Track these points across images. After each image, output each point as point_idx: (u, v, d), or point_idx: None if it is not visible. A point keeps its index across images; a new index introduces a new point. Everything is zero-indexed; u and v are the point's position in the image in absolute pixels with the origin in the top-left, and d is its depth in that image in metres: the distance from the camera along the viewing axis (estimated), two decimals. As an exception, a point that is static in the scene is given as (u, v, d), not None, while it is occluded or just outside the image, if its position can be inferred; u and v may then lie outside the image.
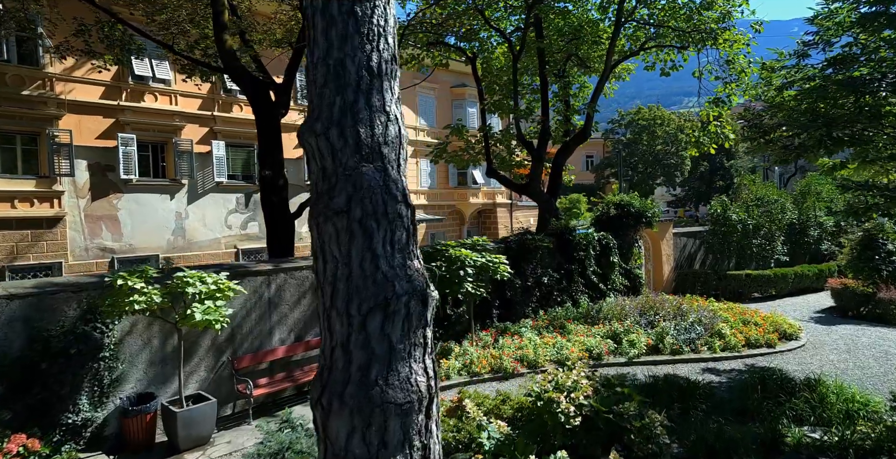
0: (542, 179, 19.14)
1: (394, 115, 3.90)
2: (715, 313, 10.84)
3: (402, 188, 3.77)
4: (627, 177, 54.65)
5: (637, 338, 9.62)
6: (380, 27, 3.96)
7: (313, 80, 3.87)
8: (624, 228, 14.76)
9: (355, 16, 3.85)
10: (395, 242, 3.64)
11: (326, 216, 3.59)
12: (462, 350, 9.18)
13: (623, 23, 14.84)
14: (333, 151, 3.65)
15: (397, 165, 3.86)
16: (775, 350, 9.73)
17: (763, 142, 8.50)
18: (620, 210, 14.90)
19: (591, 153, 58.13)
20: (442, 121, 25.87)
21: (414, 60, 17.07)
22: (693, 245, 17.09)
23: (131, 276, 5.60)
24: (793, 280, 15.94)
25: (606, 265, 13.88)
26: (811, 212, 18.06)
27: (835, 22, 7.89)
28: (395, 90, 3.99)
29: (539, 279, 12.19)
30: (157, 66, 15.92)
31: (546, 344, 9.51)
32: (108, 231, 15.02)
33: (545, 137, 15.46)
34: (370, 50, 3.85)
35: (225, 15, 10.55)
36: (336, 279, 3.57)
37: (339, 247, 3.55)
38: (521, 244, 11.87)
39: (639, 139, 52.87)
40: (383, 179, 3.67)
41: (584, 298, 12.97)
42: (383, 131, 3.79)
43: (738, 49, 13.57)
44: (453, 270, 8.98)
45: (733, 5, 13.08)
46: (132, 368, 6.39)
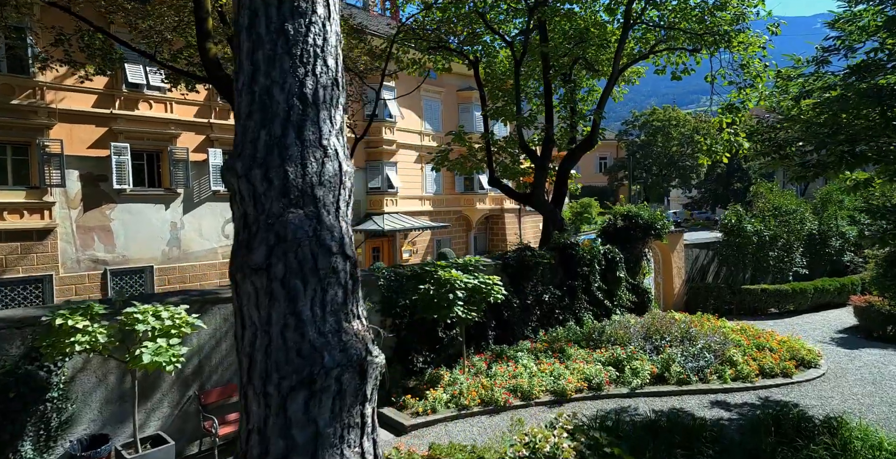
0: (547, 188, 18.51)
1: (333, 150, 3.33)
2: (726, 337, 10.12)
3: (340, 236, 3.21)
4: (641, 180, 53.57)
5: (641, 366, 8.96)
6: (316, 47, 3.40)
7: (237, 112, 3.32)
8: (631, 241, 14.06)
9: (286, 35, 3.29)
10: (328, 303, 3.07)
11: (244, 273, 3.05)
12: (452, 377, 8.61)
13: (632, 25, 14.15)
14: (255, 195, 3.10)
15: (335, 209, 3.30)
16: (792, 380, 8.99)
17: (778, 158, 7.80)
18: (628, 221, 14.20)
19: (605, 155, 57.10)
20: (448, 126, 25.29)
21: (416, 65, 16.56)
22: (706, 256, 16.30)
23: (73, 314, 5.12)
24: (812, 295, 15.09)
25: (612, 280, 13.20)
26: (832, 221, 17.15)
27: (858, 26, 7.17)
28: (336, 120, 3.42)
29: (539, 297, 11.57)
30: (152, 73, 15.58)
31: (542, 371, 8.90)
32: (100, 242, 14.71)
33: (549, 145, 14.81)
34: (304, 74, 3.29)
35: (209, 22, 10.10)
36: (254, 349, 3.01)
37: (259, 311, 3.00)
38: (520, 261, 11.25)
39: (653, 140, 51.79)
40: (314, 227, 3.11)
41: (588, 316, 12.31)
42: (318, 169, 3.23)
43: (753, 52, 12.80)
44: (442, 293, 8.41)
45: (749, 5, 12.31)
46: (85, 407, 5.92)
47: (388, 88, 21.90)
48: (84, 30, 10.15)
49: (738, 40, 12.71)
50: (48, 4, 9.71)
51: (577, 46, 14.99)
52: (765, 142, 8.10)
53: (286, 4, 3.33)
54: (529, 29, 14.38)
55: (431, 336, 9.52)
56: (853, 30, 7.12)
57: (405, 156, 23.38)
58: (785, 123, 7.62)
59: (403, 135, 23.45)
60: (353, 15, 16.61)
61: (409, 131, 23.99)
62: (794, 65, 8.03)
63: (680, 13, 13.81)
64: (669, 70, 15.88)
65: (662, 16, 14.53)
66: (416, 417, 7.61)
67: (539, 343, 10.45)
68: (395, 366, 9.12)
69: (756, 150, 8.71)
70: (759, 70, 12.49)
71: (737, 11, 12.23)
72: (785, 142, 7.68)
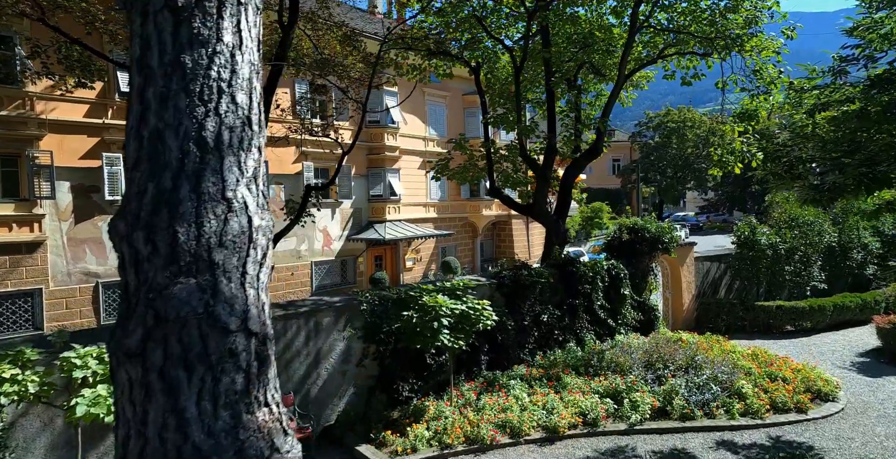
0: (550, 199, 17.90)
1: (240, 202, 2.76)
2: (735, 365, 9.43)
3: (244, 309, 2.64)
4: (655, 182, 52.47)
5: (641, 399, 8.33)
6: (221, 82, 2.82)
7: (124, 160, 2.81)
8: (638, 255, 13.40)
9: (182, 68, 2.72)
10: (221, 394, 2.51)
11: (118, 359, 2.55)
12: (437, 410, 8.07)
13: (639, 28, 13.48)
14: (138, 262, 2.57)
15: (240, 274, 2.73)
16: (807, 417, 8.30)
17: (789, 179, 7.14)
18: (634, 235, 13.53)
19: (618, 157, 56.04)
20: (453, 131, 24.73)
21: (416, 70, 16.05)
22: (717, 270, 15.55)
23: (1, 362, 4.68)
24: (832, 312, 14.26)
25: (616, 298, 12.56)
26: (854, 232, 16.26)
27: (880, 34, 6.48)
28: (246, 166, 2.85)
29: (537, 317, 10.98)
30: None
31: (535, 403, 8.33)
32: (92, 254, 14.44)
33: (551, 154, 14.20)
34: (203, 114, 2.71)
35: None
36: (127, 452, 2.52)
37: (134, 406, 2.45)
38: (516, 280, 10.68)
39: (668, 142, 50.65)
40: (207, 302, 2.54)
41: (590, 336, 11.70)
42: (218, 228, 2.65)
43: (766, 57, 12.06)
44: (426, 321, 7.88)
45: (762, 7, 11.57)
46: (27, 455, 5.50)
47: (390, 93, 21.43)
48: (61, 41, 9.81)
49: (751, 44, 11.98)
50: (20, 15, 9.37)
51: (582, 51, 14.36)
52: (775, 160, 7.44)
53: (183, 32, 2.79)
54: (529, 34, 13.78)
55: (419, 362, 9.00)
56: (874, 38, 6.44)
57: (409, 162, 22.87)
58: (797, 141, 6.95)
59: (407, 140, 22.95)
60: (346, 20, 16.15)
61: (413, 137, 23.48)
62: (807, 75, 7.34)
63: (689, 16, 13.11)
64: (679, 75, 15.19)
65: (671, 18, 13.83)
66: (394, 457, 7.09)
67: (535, 368, 9.87)
68: (379, 396, 8.62)
69: (766, 170, 8.03)
70: (774, 76, 11.75)
71: (749, 14, 11.49)
72: (798, 161, 7.01)
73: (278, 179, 18.33)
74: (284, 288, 18.64)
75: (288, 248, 18.70)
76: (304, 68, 12.62)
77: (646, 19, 13.37)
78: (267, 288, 2.87)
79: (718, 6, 12.39)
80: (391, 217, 21.66)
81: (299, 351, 7.88)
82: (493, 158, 15.33)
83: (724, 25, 12.28)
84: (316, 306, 8.15)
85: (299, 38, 12.76)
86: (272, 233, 2.98)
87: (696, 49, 13.83)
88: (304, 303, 8.33)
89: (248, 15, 2.81)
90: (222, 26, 3.08)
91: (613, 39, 14.76)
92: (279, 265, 18.44)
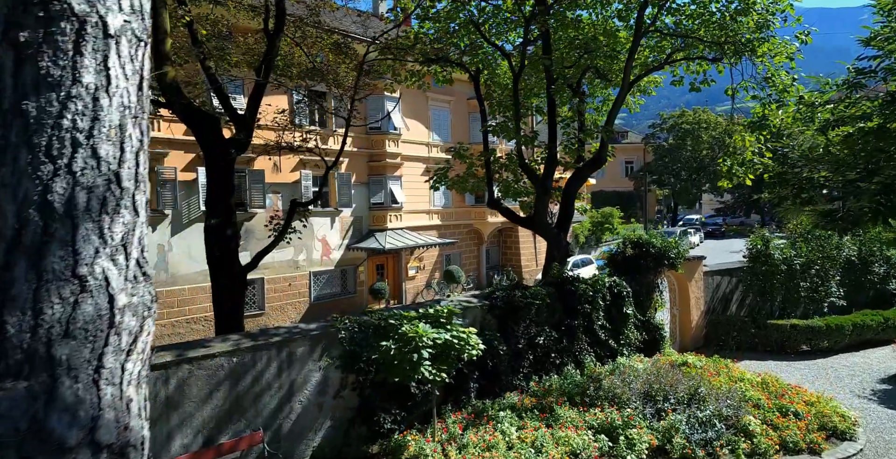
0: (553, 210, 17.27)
1: (99, 280, 2.23)
2: (743, 396, 8.77)
3: (93, 415, 2.11)
4: (669, 185, 51.41)
5: (638, 436, 7.73)
6: (78, 133, 2.33)
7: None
8: (642, 271, 12.75)
9: (24, 116, 2.26)
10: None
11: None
12: (417, 448, 7.55)
13: (644, 33, 12.83)
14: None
15: (93, 370, 2.20)
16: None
17: (799, 203, 6.50)
18: (638, 250, 12.88)
19: (631, 159, 55.07)
20: (457, 136, 24.21)
21: (414, 77, 15.57)
22: (728, 284, 14.81)
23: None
24: (851, 331, 13.45)
25: (618, 317, 11.93)
26: (875, 244, 15.39)
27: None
28: (112, 234, 2.36)
29: (532, 339, 10.40)
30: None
31: (523, 440, 7.77)
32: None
33: (552, 165, 13.60)
34: (51, 173, 2.18)
35: (166, 44, 9.31)
36: None
37: None
38: (509, 302, 10.11)
39: (682, 144, 49.60)
40: (36, 414, 2.10)
41: (590, 359, 11.10)
42: (65, 314, 2.14)
43: (779, 62, 11.34)
44: (405, 353, 7.37)
45: (775, 9, 10.86)
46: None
47: (391, 99, 20.96)
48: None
49: (763, 49, 11.27)
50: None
51: (586, 56, 13.75)
52: (783, 183, 6.81)
53: (27, 72, 2.31)
54: (527, 40, 13.19)
55: (402, 392, 8.48)
56: (894, 49, 5.78)
57: (411, 168, 22.40)
58: (808, 162, 6.32)
59: (409, 146, 22.48)
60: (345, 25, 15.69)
61: (416, 143, 23.01)
62: (819, 88, 6.69)
63: (698, 19, 12.44)
64: (688, 80, 14.51)
65: (679, 22, 13.16)
66: (366, 502, 6.59)
67: (528, 396, 9.31)
68: (358, 429, 8.14)
69: (773, 193, 7.37)
70: (787, 83, 11.02)
71: (760, 18, 10.79)
72: (807, 184, 6.37)
73: (276, 188, 17.98)
74: (282, 299, 18.29)
75: (285, 258, 18.34)
76: (293, 79, 12.19)
77: (651, 23, 12.71)
78: (140, 381, 2.31)
79: (728, 9, 11.70)
80: (392, 225, 21.21)
81: (270, 384, 7.42)
82: (494, 167, 14.78)
83: (735, 30, 11.60)
84: (290, 335, 7.69)
85: (291, 46, 12.35)
86: (151, 310, 2.43)
87: (706, 53, 13.15)
88: (276, 332, 7.87)
89: (119, 48, 2.23)
90: (81, 64, 2.50)
91: (619, 44, 14.12)
92: (276, 276, 18.09)
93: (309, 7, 12.02)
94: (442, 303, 9.09)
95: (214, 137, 9.69)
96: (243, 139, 9.88)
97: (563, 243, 13.93)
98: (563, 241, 13.98)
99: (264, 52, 10.91)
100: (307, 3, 12.32)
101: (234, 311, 9.42)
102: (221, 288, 9.37)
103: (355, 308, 20.07)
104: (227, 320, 9.33)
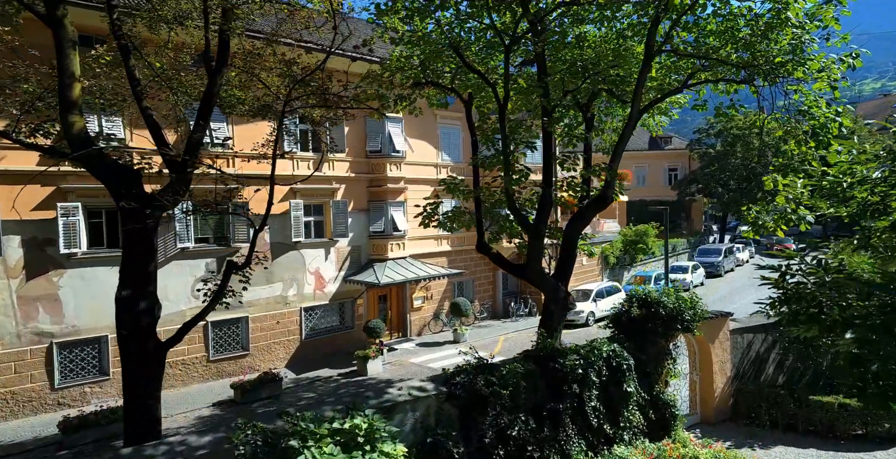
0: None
1: None
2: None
3: None
4: (717, 195, 47.77)
5: None
6: None
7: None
8: (650, 336, 10.78)
9: None
10: None
11: None
12: None
13: (657, 53, 10.85)
14: None
15: None
16: None
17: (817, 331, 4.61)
18: (646, 310, 10.92)
19: (675, 166, 51.58)
20: (469, 155, 22.49)
21: (405, 101, 14.09)
22: (762, 344, 12.56)
23: None
24: (915, 412, 10.97)
25: (617, 396, 10.03)
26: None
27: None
28: None
29: (503, 431, 8.67)
30: (109, 122, 14.15)
31: None
32: (45, 313, 13.41)
33: (546, 208, 11.78)
34: None
35: (75, 89, 8.15)
36: None
37: None
38: (472, 391, 8.42)
39: (731, 151, 45.90)
40: None
41: (579, 449, 9.29)
42: None
43: (819, 89, 9.14)
44: (303, 487, 5.85)
45: (811, 28, 8.69)
46: None
47: (394, 120, 19.52)
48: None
49: (799, 74, 9.12)
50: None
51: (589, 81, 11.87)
52: (795, 299, 4.91)
53: None
54: (523, 63, 11.43)
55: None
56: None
57: (417, 192, 20.82)
58: (823, 290, 4.42)
59: (415, 169, 20.97)
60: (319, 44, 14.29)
61: (423, 164, 21.48)
62: (853, 159, 4.76)
63: (720, 37, 10.36)
64: (713, 103, 12.43)
65: (698, 39, 11.09)
66: None
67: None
68: None
69: (779, 314, 5.42)
70: (829, 117, 8.82)
71: (794, 39, 8.65)
72: (828, 309, 4.48)
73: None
74: (269, 338, 17.16)
75: (273, 295, 17.21)
76: (244, 116, 10.92)
77: (664, 42, 10.72)
78: None
79: (758, 24, 9.56)
80: (394, 254, 19.77)
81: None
82: (485, 206, 13.10)
83: (765, 51, 9.47)
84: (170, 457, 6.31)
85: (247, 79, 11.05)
86: None
87: (732, 75, 11.05)
88: (155, 452, 6.50)
89: None
90: None
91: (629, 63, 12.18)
92: (262, 314, 16.98)
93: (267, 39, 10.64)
94: (370, 405, 7.48)
95: (132, 192, 8.47)
96: (168, 199, 8.58)
97: (561, 295, 12.09)
98: (562, 293, 12.13)
99: (203, 92, 9.67)
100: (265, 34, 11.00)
101: (145, 402, 8.11)
102: (131, 373, 8.12)
103: (353, 343, 18.75)
104: (138, 413, 8.03)
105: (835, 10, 8.87)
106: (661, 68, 12.53)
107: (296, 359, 17.68)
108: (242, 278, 9.41)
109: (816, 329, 4.80)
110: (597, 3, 10.69)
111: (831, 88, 8.81)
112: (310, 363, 17.59)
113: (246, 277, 9.38)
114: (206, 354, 15.87)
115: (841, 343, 4.49)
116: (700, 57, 10.58)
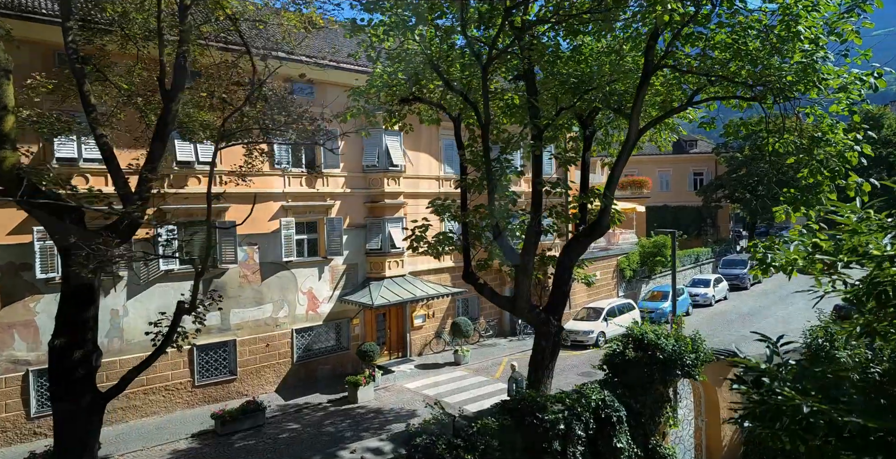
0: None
1: None
2: None
3: None
4: (745, 201, 45.70)
5: None
6: None
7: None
8: (646, 382, 9.75)
9: None
10: None
11: None
12: None
13: (656, 68, 9.83)
14: None
15: None
16: None
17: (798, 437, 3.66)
18: (642, 353, 9.89)
19: (700, 170, 49.55)
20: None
21: (394, 118, 13.43)
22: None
23: None
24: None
25: (607, 452, 9.04)
26: None
27: None
28: None
29: (471, 497, 7.81)
30: (85, 144, 13.74)
31: None
32: (21, 340, 13.07)
33: (534, 239, 10.85)
34: None
35: (6, 122, 7.60)
36: None
37: None
38: (433, 457, 7.57)
39: (760, 155, 43.78)
40: None
41: (560, 514, 8.35)
42: None
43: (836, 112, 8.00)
44: None
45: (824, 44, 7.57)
46: None
47: (391, 133, 18.78)
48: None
49: (813, 95, 8.00)
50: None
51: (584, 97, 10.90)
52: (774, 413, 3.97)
53: None
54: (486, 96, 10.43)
55: None
56: None
57: (417, 207, 20.04)
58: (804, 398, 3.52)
59: (415, 182, 20.21)
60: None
61: (424, 178, 20.70)
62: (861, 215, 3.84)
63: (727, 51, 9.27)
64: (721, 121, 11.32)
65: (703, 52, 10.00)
66: None
67: None
68: None
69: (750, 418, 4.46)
70: (848, 145, 7.68)
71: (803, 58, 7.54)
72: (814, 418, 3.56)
73: (251, 239, 16.26)
74: (258, 362, 16.60)
75: (262, 317, 16.64)
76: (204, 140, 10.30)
77: (664, 57, 9.68)
78: None
79: (769, 38, 8.45)
80: (392, 272, 19.04)
81: None
82: (473, 230, 12.24)
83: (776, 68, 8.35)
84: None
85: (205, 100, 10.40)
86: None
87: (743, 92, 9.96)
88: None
89: None
90: None
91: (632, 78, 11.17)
92: (251, 336, 16.43)
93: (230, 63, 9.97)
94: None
95: (74, 232, 7.86)
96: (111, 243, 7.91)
97: (552, 331, 11.15)
98: (554, 328, 11.18)
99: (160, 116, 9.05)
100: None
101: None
102: (60, 432, 7.52)
103: (349, 363, 18.12)
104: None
105: (856, 22, 7.73)
106: (666, 83, 11.47)
107: (287, 383, 17.08)
108: (196, 319, 8.76)
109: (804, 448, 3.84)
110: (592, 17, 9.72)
111: (849, 113, 7.67)
112: (301, 386, 16.97)
113: (200, 317, 8.73)
114: (191, 379, 15.37)
115: None
116: (703, 74, 9.49)
